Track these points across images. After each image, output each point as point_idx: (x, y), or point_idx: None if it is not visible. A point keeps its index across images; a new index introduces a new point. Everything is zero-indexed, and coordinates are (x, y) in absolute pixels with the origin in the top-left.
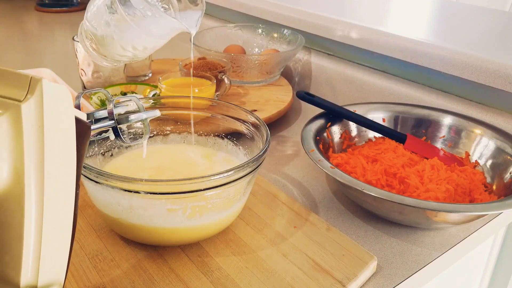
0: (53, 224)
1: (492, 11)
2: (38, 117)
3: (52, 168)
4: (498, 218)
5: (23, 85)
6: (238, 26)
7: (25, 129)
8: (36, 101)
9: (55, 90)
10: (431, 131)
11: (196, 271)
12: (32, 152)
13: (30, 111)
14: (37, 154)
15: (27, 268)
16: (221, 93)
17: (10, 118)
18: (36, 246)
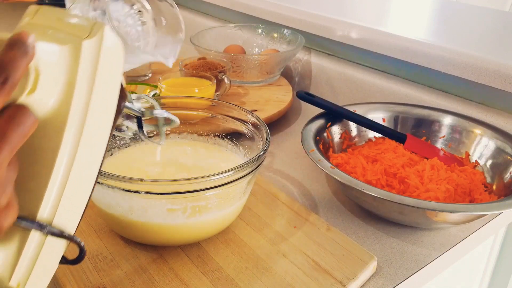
0: (81, 165)
1: (492, 11)
2: (94, 56)
3: (95, 109)
4: (498, 218)
5: (87, 27)
6: (238, 26)
7: (81, 63)
8: (96, 41)
9: (114, 38)
10: (431, 131)
11: (196, 271)
12: (82, 87)
13: (89, 48)
14: (86, 90)
15: (47, 201)
16: (221, 93)
17: (71, 50)
18: (62, 181)
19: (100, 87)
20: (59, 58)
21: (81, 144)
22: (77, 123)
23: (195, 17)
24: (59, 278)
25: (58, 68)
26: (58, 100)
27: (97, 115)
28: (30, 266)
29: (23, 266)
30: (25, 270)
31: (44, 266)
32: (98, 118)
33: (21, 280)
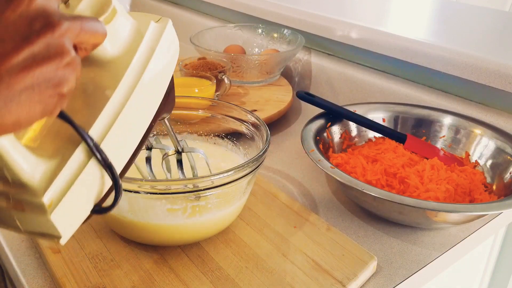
0: (130, 114)
1: (492, 11)
2: (157, 36)
3: (148, 78)
4: (498, 218)
5: (156, 18)
6: (238, 26)
7: (147, 35)
8: (161, 26)
9: (174, 33)
10: (431, 131)
11: (196, 271)
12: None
13: (155, 28)
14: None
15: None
16: (221, 93)
17: (142, 23)
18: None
19: (156, 63)
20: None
21: (133, 96)
22: (131, 80)
23: (195, 17)
24: (59, 278)
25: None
26: (120, 50)
27: (149, 84)
28: (66, 187)
29: (60, 184)
30: (60, 190)
31: (79, 196)
32: (149, 87)
33: (54, 199)
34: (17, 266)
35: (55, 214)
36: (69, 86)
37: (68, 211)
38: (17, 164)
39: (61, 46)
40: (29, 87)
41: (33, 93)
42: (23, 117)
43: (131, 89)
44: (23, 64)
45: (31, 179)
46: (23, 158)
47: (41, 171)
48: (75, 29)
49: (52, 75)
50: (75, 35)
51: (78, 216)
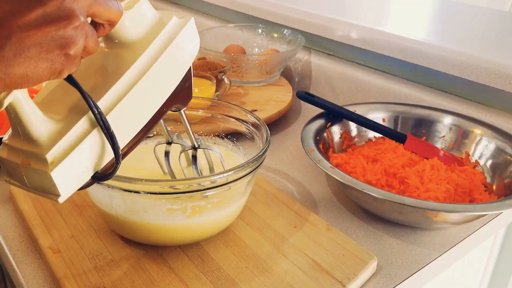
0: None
1: (492, 11)
2: (177, 29)
3: (163, 65)
4: (498, 218)
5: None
6: (238, 26)
7: (167, 26)
8: (182, 22)
9: (195, 30)
10: (431, 131)
11: (196, 271)
12: (161, 41)
13: (176, 22)
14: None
15: (107, 99)
16: (221, 93)
17: (164, 16)
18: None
19: (172, 52)
20: (154, 12)
21: (144, 79)
22: (146, 62)
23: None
24: (59, 278)
25: (152, 16)
26: (141, 34)
27: (161, 70)
28: (69, 149)
29: (63, 145)
30: (63, 150)
31: (80, 160)
32: (161, 73)
33: (57, 158)
34: (17, 266)
35: (55, 172)
36: (75, 48)
37: (68, 172)
38: (30, 119)
39: (71, 10)
40: (37, 44)
41: (41, 49)
42: (30, 71)
43: (143, 71)
44: (35, 22)
45: (39, 135)
46: (35, 115)
47: (49, 130)
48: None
49: (60, 35)
50: (87, 4)
51: (78, 179)
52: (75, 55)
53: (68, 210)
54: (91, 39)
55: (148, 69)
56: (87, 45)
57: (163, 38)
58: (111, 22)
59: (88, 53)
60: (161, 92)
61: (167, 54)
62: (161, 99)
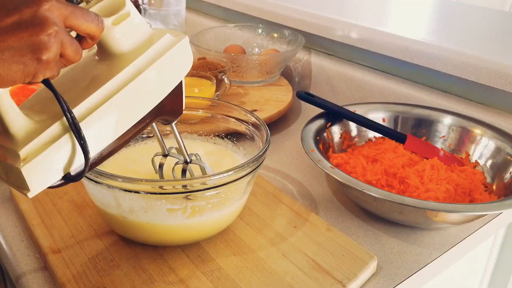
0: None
1: (492, 11)
2: (168, 45)
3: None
4: (498, 218)
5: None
6: (238, 26)
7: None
8: (175, 40)
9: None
10: (431, 131)
11: (196, 271)
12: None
13: (168, 39)
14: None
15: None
16: (221, 93)
17: (157, 32)
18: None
19: (159, 68)
20: (145, 29)
21: (125, 90)
22: (130, 74)
23: (195, 17)
24: (59, 278)
25: (141, 33)
26: (130, 47)
27: (146, 84)
28: (41, 148)
29: (37, 144)
30: (36, 149)
31: (52, 160)
32: (146, 86)
33: (29, 155)
34: (17, 266)
35: (26, 168)
36: (47, 54)
37: (39, 170)
38: (8, 116)
39: (45, 18)
40: (11, 48)
41: (14, 53)
42: (4, 72)
43: (126, 82)
44: (10, 27)
45: (16, 133)
46: (14, 113)
47: (26, 129)
48: (64, 9)
49: (33, 41)
50: (64, 15)
51: (48, 177)
52: (48, 61)
53: (68, 210)
54: (69, 48)
55: (130, 80)
56: (65, 53)
57: (151, 53)
58: (91, 36)
59: (69, 61)
60: (143, 104)
61: (153, 69)
62: (142, 111)
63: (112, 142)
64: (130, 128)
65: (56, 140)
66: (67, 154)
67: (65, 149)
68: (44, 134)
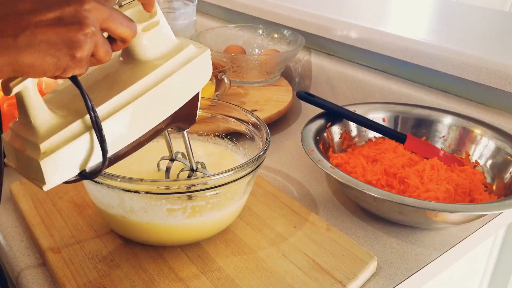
0: (139, 108)
1: (492, 11)
2: (190, 56)
3: (171, 86)
4: (498, 218)
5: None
6: (238, 26)
7: (181, 52)
8: (197, 51)
9: (208, 60)
10: (431, 131)
11: (196, 271)
12: (171, 66)
13: (190, 50)
14: (171, 69)
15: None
16: (220, 92)
17: (181, 42)
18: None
19: (177, 79)
20: (172, 38)
21: (146, 95)
22: (153, 80)
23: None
24: (59, 278)
25: (167, 41)
26: (156, 55)
27: (167, 91)
28: (62, 144)
29: (58, 139)
30: (56, 144)
31: (70, 156)
32: (166, 94)
33: (49, 149)
34: (17, 266)
35: (45, 162)
36: (81, 52)
37: (56, 164)
38: (34, 109)
39: (85, 18)
40: (49, 41)
41: (50, 46)
42: (38, 62)
43: (148, 88)
44: (50, 22)
45: (39, 126)
46: (39, 106)
47: (49, 123)
48: (103, 12)
49: (70, 37)
50: (102, 17)
51: (64, 173)
52: (81, 59)
53: (68, 210)
54: (101, 49)
55: (153, 86)
56: (97, 53)
57: (175, 62)
58: (123, 40)
59: (99, 61)
60: (162, 110)
61: (175, 77)
62: (161, 117)
63: (128, 144)
64: (147, 132)
65: (77, 137)
66: (86, 152)
67: (84, 146)
68: (66, 130)
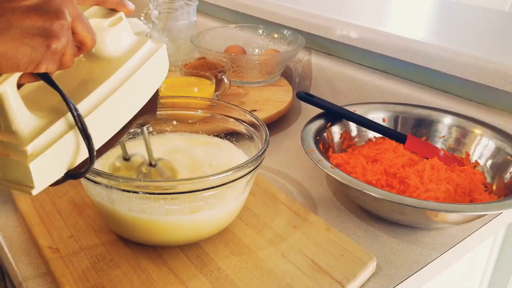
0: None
1: (492, 11)
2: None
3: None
4: (498, 218)
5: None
6: (238, 26)
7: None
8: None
9: (165, 55)
10: (431, 131)
11: (195, 271)
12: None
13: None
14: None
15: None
16: (220, 93)
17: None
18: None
19: (143, 74)
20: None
21: (120, 90)
22: (123, 76)
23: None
24: (58, 278)
25: (131, 38)
26: (122, 51)
27: (134, 85)
28: (47, 145)
29: (43, 140)
30: (42, 145)
31: (57, 156)
32: (134, 88)
33: (35, 151)
34: (17, 266)
35: (34, 164)
36: (58, 43)
37: (44, 166)
38: (14, 112)
39: (61, 9)
40: (24, 28)
41: (26, 34)
42: (11, 51)
43: (120, 83)
44: (26, 9)
45: (22, 129)
46: (20, 109)
47: (31, 125)
48: (75, 10)
49: (46, 27)
50: (74, 15)
51: (52, 174)
52: (56, 50)
53: (68, 210)
54: (70, 49)
55: (124, 82)
56: (65, 52)
57: (139, 56)
58: (83, 45)
59: (63, 64)
60: (134, 104)
61: (142, 71)
62: (133, 110)
63: (106, 140)
64: (123, 127)
65: (62, 137)
66: (72, 150)
67: (69, 145)
68: (50, 130)
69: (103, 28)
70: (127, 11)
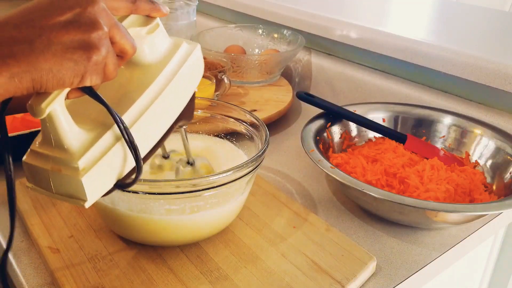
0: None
1: (492, 11)
2: (186, 54)
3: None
4: (498, 218)
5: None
6: (238, 26)
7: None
8: (191, 48)
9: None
10: (431, 131)
11: (195, 271)
12: (173, 65)
13: (185, 48)
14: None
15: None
16: (220, 93)
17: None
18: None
19: (181, 77)
20: (170, 40)
21: (161, 97)
22: (163, 82)
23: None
24: (58, 278)
25: (168, 42)
26: (157, 58)
27: (176, 90)
28: (97, 158)
29: (92, 154)
30: (92, 159)
31: (106, 169)
32: (174, 92)
33: (86, 166)
34: (17, 266)
35: (85, 178)
36: (98, 54)
37: (95, 179)
38: (65, 130)
39: (96, 19)
40: (64, 44)
41: (67, 49)
42: (56, 68)
43: (161, 90)
44: (64, 24)
45: (72, 145)
46: (70, 126)
47: (81, 140)
48: (111, 18)
49: (85, 39)
50: (110, 23)
51: (102, 186)
52: (97, 61)
53: (68, 210)
54: (111, 58)
55: (164, 88)
56: (107, 63)
57: (176, 60)
58: (124, 53)
59: (106, 76)
60: (173, 110)
61: (181, 75)
62: (173, 116)
63: (150, 148)
64: (165, 132)
65: (110, 150)
66: (119, 162)
67: (118, 157)
68: (98, 144)
69: (141, 36)
70: (161, 14)
